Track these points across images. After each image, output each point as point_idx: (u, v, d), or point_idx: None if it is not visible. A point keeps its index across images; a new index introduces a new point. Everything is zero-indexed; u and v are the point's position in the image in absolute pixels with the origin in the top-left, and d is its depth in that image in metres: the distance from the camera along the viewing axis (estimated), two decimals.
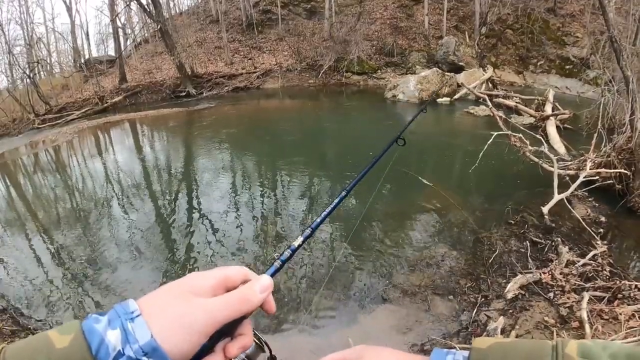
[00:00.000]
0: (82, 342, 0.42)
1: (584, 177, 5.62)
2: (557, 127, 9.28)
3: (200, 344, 0.47)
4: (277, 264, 0.57)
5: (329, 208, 0.71)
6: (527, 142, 6.39)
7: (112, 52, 25.58)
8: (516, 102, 11.79)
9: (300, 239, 0.61)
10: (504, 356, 0.45)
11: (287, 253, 0.59)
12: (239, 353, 0.50)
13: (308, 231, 0.64)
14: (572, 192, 5.48)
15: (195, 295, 0.48)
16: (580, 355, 0.42)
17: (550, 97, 10.70)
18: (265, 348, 0.57)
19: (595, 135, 6.18)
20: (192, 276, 0.51)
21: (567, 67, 18.32)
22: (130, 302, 0.46)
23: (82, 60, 24.97)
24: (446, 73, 16.26)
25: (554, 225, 5.12)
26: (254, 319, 0.55)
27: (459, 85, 15.08)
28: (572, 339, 0.46)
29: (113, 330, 0.43)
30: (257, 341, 0.55)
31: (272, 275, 0.55)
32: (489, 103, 7.67)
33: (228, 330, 0.49)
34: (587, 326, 3.27)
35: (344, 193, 0.77)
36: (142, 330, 0.44)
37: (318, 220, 0.66)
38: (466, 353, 0.48)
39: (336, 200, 0.73)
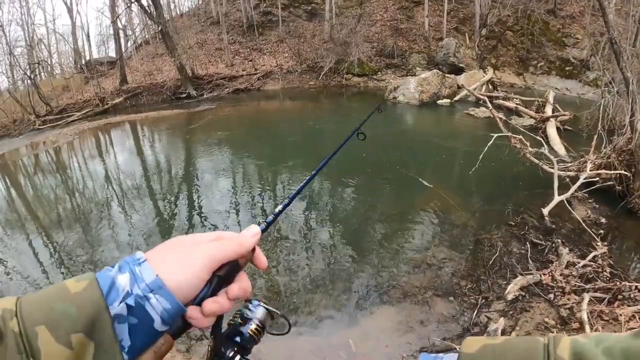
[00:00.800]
0: (95, 287, 0.46)
1: (584, 179, 5.62)
2: (558, 128, 9.29)
3: (202, 280, 0.52)
4: (262, 226, 0.62)
5: (302, 184, 0.81)
6: (528, 144, 6.39)
7: (112, 54, 25.63)
8: (516, 104, 11.80)
9: (280, 206, 0.70)
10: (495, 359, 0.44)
11: (270, 218, 0.66)
12: (240, 293, 0.54)
13: (286, 201, 0.73)
14: (572, 194, 5.48)
15: (195, 244, 0.55)
16: (572, 356, 0.41)
17: (551, 99, 10.71)
18: (276, 316, 0.61)
19: (596, 136, 6.18)
20: (192, 234, 0.57)
21: (567, 68, 18.33)
22: (137, 253, 0.52)
23: (83, 62, 25.00)
24: (446, 75, 16.27)
25: (554, 226, 5.13)
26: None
27: (459, 87, 15.09)
28: (565, 336, 0.45)
29: (122, 275, 0.48)
30: (266, 308, 0.59)
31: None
32: (489, 104, 7.67)
33: (228, 277, 0.54)
34: (587, 327, 3.27)
35: (309, 176, 0.87)
36: (148, 272, 0.49)
37: (293, 193, 0.76)
38: (454, 357, 0.47)
39: (305, 180, 0.84)
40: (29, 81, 17.96)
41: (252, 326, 0.57)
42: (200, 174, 8.77)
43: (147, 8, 19.81)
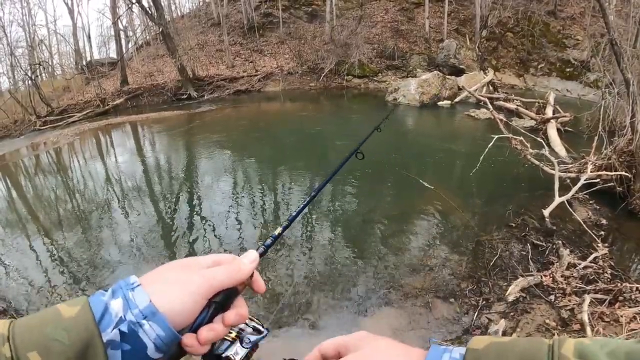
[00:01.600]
0: (88, 312, 0.46)
1: (584, 180, 5.61)
2: (558, 129, 9.29)
3: (198, 306, 0.52)
4: (261, 250, 0.62)
5: (301, 207, 0.79)
6: (528, 145, 6.39)
7: (113, 55, 25.71)
8: (517, 105, 11.80)
9: (279, 229, 0.68)
10: (498, 357, 0.45)
11: (269, 241, 0.65)
12: (237, 320, 0.54)
13: (286, 222, 0.71)
14: (573, 195, 5.47)
15: (191, 269, 0.54)
16: (576, 355, 0.42)
17: (551, 100, 10.71)
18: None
19: (596, 137, 6.18)
20: (188, 258, 0.57)
21: (568, 69, 18.34)
22: (131, 277, 0.51)
23: (84, 63, 25.07)
24: (447, 76, 16.28)
25: (554, 227, 5.12)
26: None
27: (459, 88, 15.10)
28: (569, 338, 0.45)
29: (116, 300, 0.48)
30: (262, 332, 0.59)
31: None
32: (489, 106, 7.67)
33: (224, 304, 0.54)
34: (588, 329, 3.27)
35: (309, 197, 0.85)
36: (142, 297, 0.48)
37: (293, 214, 0.74)
38: (463, 350, 0.48)
39: (304, 202, 0.81)
40: (29, 82, 17.99)
41: (249, 346, 0.57)
42: (200, 175, 8.77)
43: (148, 9, 19.86)
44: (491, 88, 15.12)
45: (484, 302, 3.93)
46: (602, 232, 5.00)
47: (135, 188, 8.20)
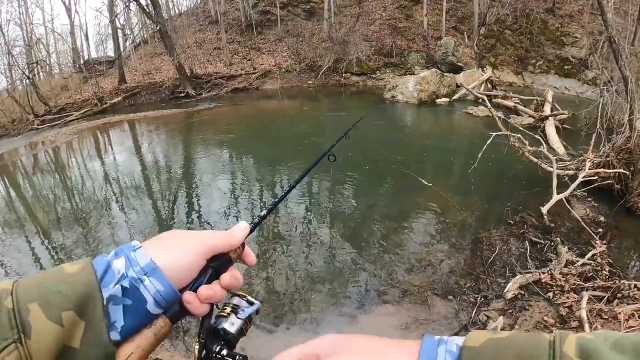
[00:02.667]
0: (90, 269, 0.48)
1: (583, 178, 5.62)
2: (557, 127, 9.30)
3: (195, 265, 0.55)
4: (250, 226, 0.66)
5: (285, 193, 0.87)
6: (527, 143, 6.40)
7: (111, 53, 25.60)
8: (515, 103, 11.81)
9: (264, 212, 0.73)
10: (496, 356, 0.42)
11: (256, 220, 0.70)
12: (232, 283, 0.58)
13: (270, 206, 0.77)
14: (571, 193, 5.48)
15: (189, 234, 0.58)
16: (579, 354, 0.39)
17: (550, 98, 10.72)
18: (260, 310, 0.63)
19: (595, 135, 6.18)
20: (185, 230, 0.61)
21: (566, 67, 18.36)
22: (134, 241, 0.54)
23: (82, 61, 24.97)
24: (445, 74, 16.28)
25: (553, 225, 5.13)
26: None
27: (458, 86, 15.10)
28: (571, 333, 0.42)
29: (118, 259, 0.51)
30: (257, 305, 0.61)
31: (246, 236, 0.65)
32: (488, 104, 7.67)
33: (220, 269, 0.58)
34: (586, 326, 3.27)
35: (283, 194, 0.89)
36: (143, 257, 0.52)
37: (276, 201, 0.81)
38: (460, 341, 0.45)
39: (284, 193, 0.87)
40: (27, 81, 17.93)
41: (243, 318, 0.59)
42: (198, 173, 8.77)
43: (145, 7, 19.80)
44: (490, 86, 15.11)
45: (483, 299, 3.93)
46: (601, 230, 5.01)
47: (134, 186, 8.19)
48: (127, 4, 22.52)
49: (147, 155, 10.93)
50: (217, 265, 0.58)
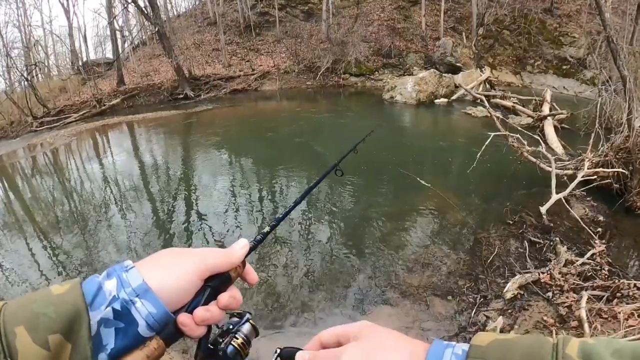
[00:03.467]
0: (77, 290, 0.47)
1: (581, 177, 5.62)
2: (555, 127, 9.29)
3: (191, 285, 0.53)
4: (251, 243, 0.64)
5: (289, 207, 0.83)
6: (525, 143, 6.40)
7: (109, 55, 25.63)
8: (514, 103, 11.81)
9: (268, 228, 0.71)
10: (503, 356, 0.43)
11: (259, 237, 0.68)
12: (230, 303, 0.55)
13: (274, 222, 0.74)
14: (570, 192, 5.48)
15: (185, 253, 0.56)
16: (580, 355, 0.41)
17: (548, 97, 10.72)
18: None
19: (593, 134, 6.19)
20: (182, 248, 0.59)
21: (564, 67, 18.39)
22: (126, 261, 0.53)
23: (80, 63, 24.94)
24: (444, 74, 16.30)
25: (552, 225, 5.13)
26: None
27: (456, 86, 15.12)
28: (574, 337, 0.44)
29: (110, 280, 0.49)
30: (253, 324, 0.60)
31: (246, 255, 0.62)
32: (486, 104, 7.68)
33: (219, 289, 0.56)
34: (586, 325, 3.27)
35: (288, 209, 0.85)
36: (135, 277, 0.50)
37: (280, 217, 0.77)
38: (466, 347, 0.47)
39: (289, 208, 0.84)
40: (26, 83, 17.92)
41: (239, 340, 0.57)
42: (197, 175, 8.76)
43: (144, 9, 19.81)
44: (488, 86, 15.12)
45: (482, 299, 3.93)
46: (600, 229, 5.01)
47: (132, 188, 8.18)
48: (125, 6, 22.54)
49: (145, 157, 10.92)
50: (215, 284, 0.56)
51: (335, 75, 20.12)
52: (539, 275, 4.09)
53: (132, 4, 19.97)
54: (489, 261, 4.53)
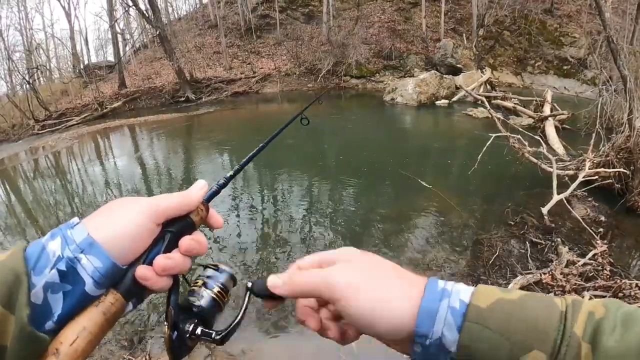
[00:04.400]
0: (19, 254, 0.42)
1: (583, 177, 5.61)
2: (556, 127, 9.29)
3: (144, 231, 0.47)
4: (214, 188, 0.60)
5: (254, 151, 0.83)
6: (526, 143, 6.39)
7: (111, 58, 25.72)
8: (514, 104, 11.81)
9: (231, 172, 0.68)
10: (507, 323, 0.39)
11: (222, 181, 0.64)
12: (192, 246, 0.50)
13: (237, 167, 0.71)
14: (571, 192, 5.47)
15: (138, 198, 0.50)
16: (588, 339, 0.37)
17: (549, 98, 10.72)
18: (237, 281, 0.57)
19: (594, 135, 6.18)
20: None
21: (565, 67, 18.38)
22: (73, 218, 0.47)
23: (82, 66, 25.07)
24: (444, 75, 16.31)
25: (553, 225, 5.12)
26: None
27: (457, 88, 15.12)
28: (583, 304, 0.40)
29: (54, 240, 0.44)
30: (230, 272, 0.55)
31: (209, 200, 0.57)
32: (487, 105, 7.67)
33: (180, 234, 0.50)
34: None
35: (261, 145, 0.90)
36: (80, 232, 0.45)
37: (244, 160, 0.76)
38: (465, 296, 0.42)
39: (255, 151, 0.85)
40: (27, 86, 18.01)
41: (215, 289, 0.52)
42: (199, 178, 8.75)
43: (145, 12, 19.87)
44: (489, 87, 15.13)
45: None
46: (601, 229, 5.00)
47: (134, 190, 8.19)
48: (127, 9, 22.61)
49: (147, 160, 10.93)
50: (176, 229, 0.50)
51: (336, 77, 20.15)
52: (541, 275, 4.08)
53: (134, 7, 20.04)
54: (490, 262, 4.52)
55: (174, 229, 0.50)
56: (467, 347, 0.40)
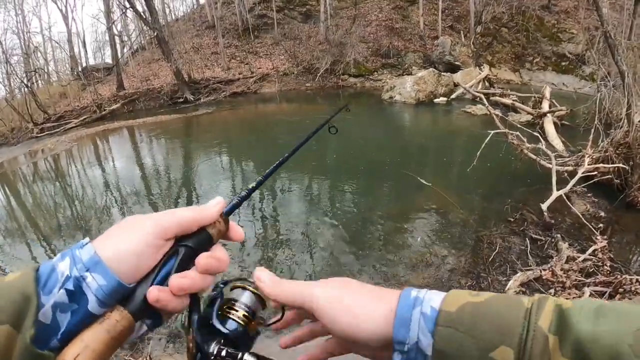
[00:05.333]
0: (30, 275, 0.42)
1: (582, 173, 5.62)
2: (555, 123, 9.29)
3: (151, 248, 0.46)
4: (235, 201, 0.58)
5: (279, 161, 0.79)
6: (525, 140, 6.39)
7: (109, 60, 25.69)
8: (513, 100, 11.82)
9: (253, 184, 0.64)
10: (473, 323, 0.40)
11: (243, 193, 0.61)
12: (210, 264, 0.48)
13: (261, 178, 0.68)
14: (570, 188, 5.48)
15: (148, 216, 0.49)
16: (553, 330, 0.38)
17: (547, 94, 10.72)
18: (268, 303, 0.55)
19: (593, 130, 6.18)
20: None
21: (563, 63, 18.38)
22: (85, 239, 0.46)
23: (80, 69, 25.03)
24: (442, 73, 16.29)
25: (553, 221, 5.12)
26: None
27: (455, 85, 15.12)
28: (549, 300, 0.41)
29: (63, 261, 0.44)
30: (255, 292, 0.53)
31: (228, 214, 0.55)
32: (485, 102, 7.68)
33: (197, 249, 0.48)
34: None
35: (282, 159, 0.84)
36: (87, 251, 0.44)
37: (268, 171, 0.72)
38: (436, 303, 0.43)
39: (276, 164, 0.79)
40: (26, 89, 17.99)
41: (239, 312, 0.50)
42: (199, 179, 8.76)
43: (142, 14, 19.86)
44: (487, 84, 15.13)
45: None
46: (601, 225, 5.01)
47: (134, 193, 8.18)
48: (124, 11, 22.58)
49: (146, 161, 10.92)
50: (191, 243, 0.48)
51: (335, 76, 20.14)
52: (541, 272, 4.08)
53: (131, 9, 20.02)
54: (490, 259, 4.53)
55: (189, 243, 0.48)
56: (441, 349, 0.41)
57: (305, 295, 0.50)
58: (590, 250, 4.30)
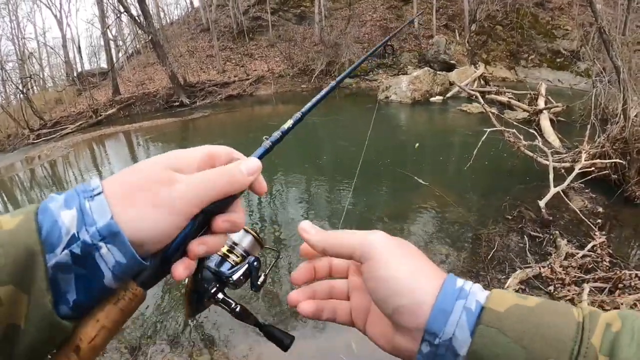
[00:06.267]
0: (31, 224, 0.36)
1: (579, 169, 5.62)
2: (551, 120, 9.30)
3: (178, 228, 0.41)
4: (266, 144, 0.53)
5: (320, 95, 0.71)
6: (521, 137, 6.39)
7: (104, 65, 25.65)
8: (509, 98, 11.83)
9: (290, 122, 0.59)
10: (523, 329, 0.37)
11: (277, 134, 0.56)
12: (226, 227, 0.45)
13: (298, 115, 0.62)
14: (568, 185, 5.47)
15: (176, 171, 0.42)
16: (605, 351, 0.35)
17: (543, 91, 10.73)
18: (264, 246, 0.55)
19: (589, 126, 6.19)
20: (172, 151, 0.45)
21: (558, 60, 18.43)
22: (92, 180, 0.40)
23: (75, 74, 25.01)
24: (438, 72, 16.30)
25: (551, 218, 5.12)
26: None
27: (451, 84, 15.12)
28: (600, 316, 0.38)
29: (69, 210, 0.37)
30: (255, 236, 0.52)
31: (261, 157, 0.51)
32: (480, 100, 7.68)
33: (215, 212, 0.44)
34: None
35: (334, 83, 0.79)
36: (102, 210, 0.38)
37: (308, 105, 0.65)
38: (481, 298, 0.41)
39: (327, 89, 0.75)
40: (21, 95, 17.99)
41: (238, 259, 0.50)
42: None
43: (137, 18, 19.84)
44: (482, 82, 15.14)
45: None
46: (599, 221, 5.00)
47: None
48: (118, 15, 22.56)
49: None
50: (214, 207, 0.44)
51: (330, 77, 20.12)
52: (540, 269, 4.07)
53: (125, 13, 20.01)
54: (489, 257, 4.52)
55: (209, 207, 0.43)
56: (479, 351, 0.38)
57: (356, 241, 0.47)
58: (589, 246, 4.29)
